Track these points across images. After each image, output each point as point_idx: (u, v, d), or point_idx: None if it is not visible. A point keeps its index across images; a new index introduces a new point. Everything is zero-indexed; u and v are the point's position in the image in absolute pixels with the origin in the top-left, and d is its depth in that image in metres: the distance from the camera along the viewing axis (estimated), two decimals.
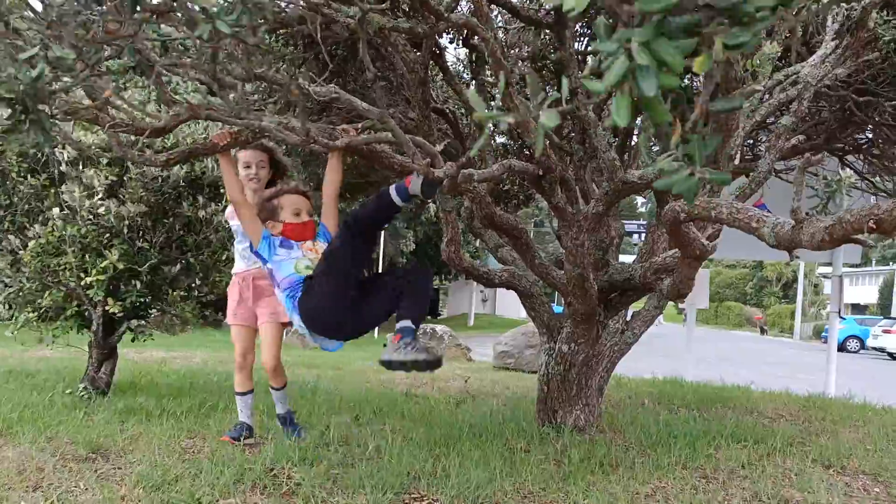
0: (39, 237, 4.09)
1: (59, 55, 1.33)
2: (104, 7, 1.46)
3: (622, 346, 4.10)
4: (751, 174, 3.03)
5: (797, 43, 2.96)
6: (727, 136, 2.77)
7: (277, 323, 3.57)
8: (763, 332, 36.48)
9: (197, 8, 1.28)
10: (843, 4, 2.90)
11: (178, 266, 4.51)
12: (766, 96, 2.81)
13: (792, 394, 6.38)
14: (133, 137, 3.22)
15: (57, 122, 1.87)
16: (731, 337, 30.11)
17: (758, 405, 5.47)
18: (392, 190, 2.47)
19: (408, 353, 2.38)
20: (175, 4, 1.37)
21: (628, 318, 4.20)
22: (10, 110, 1.39)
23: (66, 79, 1.46)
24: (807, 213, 1.89)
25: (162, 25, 1.57)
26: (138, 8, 1.35)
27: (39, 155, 4.25)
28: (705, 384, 6.72)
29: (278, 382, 3.68)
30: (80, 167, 4.12)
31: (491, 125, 0.94)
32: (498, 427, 4.02)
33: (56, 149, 4.09)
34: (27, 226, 4.32)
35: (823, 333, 30.43)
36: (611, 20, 0.81)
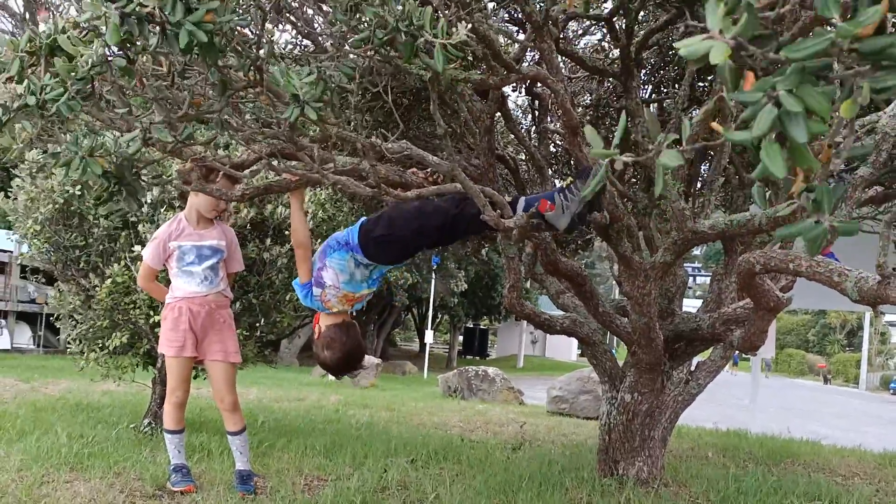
0: (116, 276, 4.23)
1: (159, 137, 1.42)
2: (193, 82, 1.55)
3: (686, 397, 3.99)
4: None
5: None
6: (796, 186, 2.70)
7: (230, 363, 3.39)
8: (826, 381, 34.95)
9: (286, 92, 1.36)
10: None
11: (240, 305, 4.61)
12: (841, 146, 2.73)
13: (865, 450, 6.07)
14: None
15: (146, 188, 1.98)
16: (794, 385, 28.92)
17: (829, 461, 5.22)
18: (521, 201, 2.43)
19: (571, 203, 2.31)
20: (261, 87, 1.45)
21: (692, 368, 4.09)
22: (104, 182, 1.48)
23: (156, 153, 1.56)
24: (893, 269, 1.83)
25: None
26: (228, 90, 1.43)
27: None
28: (772, 437, 6.45)
29: (239, 423, 3.38)
30: (157, 209, 4.28)
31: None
32: (557, 476, 3.94)
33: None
34: (100, 266, 4.50)
35: (892, 384, 28.97)
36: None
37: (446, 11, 1.72)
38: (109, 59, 1.51)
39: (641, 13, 3.50)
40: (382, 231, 2.62)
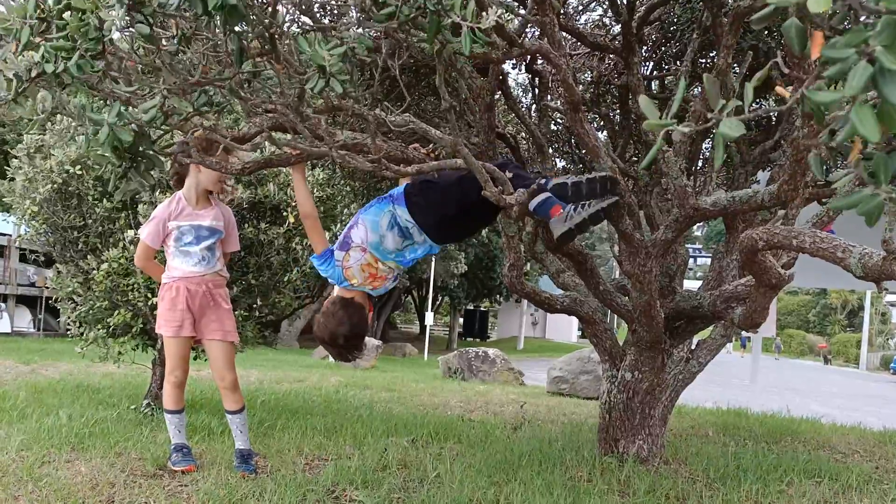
0: (113, 260, 4.21)
1: (177, 106, 1.38)
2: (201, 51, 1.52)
3: (686, 376, 3.99)
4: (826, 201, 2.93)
5: None
6: (802, 162, 2.68)
7: (228, 342, 3.39)
8: (827, 361, 35.11)
9: (311, 62, 1.33)
10: None
11: (239, 287, 4.59)
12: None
13: (865, 428, 6.09)
14: None
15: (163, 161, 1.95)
16: (794, 366, 29.03)
17: (829, 439, 5.24)
18: (539, 197, 2.45)
19: (579, 215, 2.41)
20: (276, 55, 1.42)
21: (693, 347, 4.09)
22: (117, 159, 1.45)
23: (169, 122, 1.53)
24: None
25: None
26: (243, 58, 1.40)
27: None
28: (772, 415, 6.47)
29: (238, 402, 3.38)
30: (154, 190, 4.25)
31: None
32: (558, 455, 3.95)
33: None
34: (99, 247, 4.47)
35: (893, 364, 29.09)
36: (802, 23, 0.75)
37: None
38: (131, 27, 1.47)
39: None
40: (425, 189, 2.69)
